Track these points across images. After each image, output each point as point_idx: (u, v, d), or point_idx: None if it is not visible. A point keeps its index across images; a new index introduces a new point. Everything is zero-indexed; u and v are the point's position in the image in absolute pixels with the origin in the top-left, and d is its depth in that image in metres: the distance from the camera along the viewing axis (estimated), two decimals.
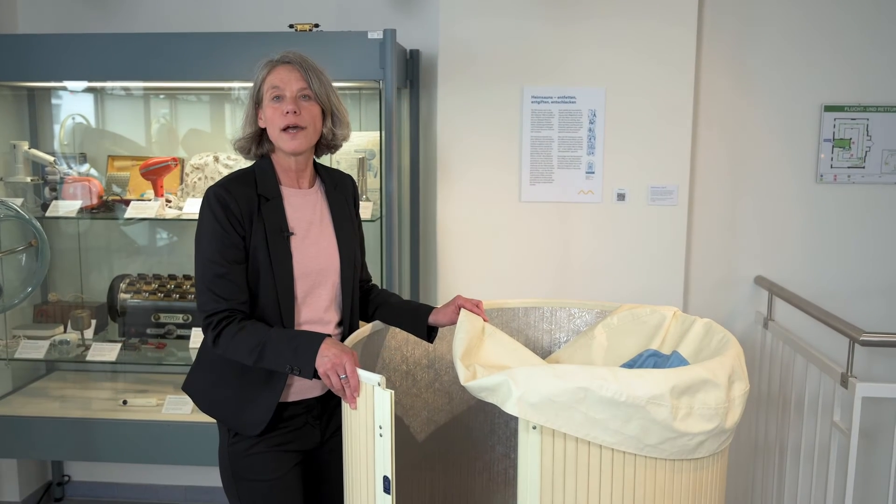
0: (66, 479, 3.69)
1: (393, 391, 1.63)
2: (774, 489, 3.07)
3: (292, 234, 1.90)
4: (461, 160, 3.13)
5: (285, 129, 1.84)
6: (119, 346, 3.04)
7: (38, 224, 2.55)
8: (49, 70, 2.85)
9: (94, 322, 3.18)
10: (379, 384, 1.64)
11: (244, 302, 1.84)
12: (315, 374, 1.73)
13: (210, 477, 3.62)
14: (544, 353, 2.38)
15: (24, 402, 3.15)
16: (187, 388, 2.00)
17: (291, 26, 2.76)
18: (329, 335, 1.79)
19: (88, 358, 3.00)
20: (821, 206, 3.25)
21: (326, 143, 1.96)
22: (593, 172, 3.11)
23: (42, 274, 2.59)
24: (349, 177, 2.11)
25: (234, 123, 3.37)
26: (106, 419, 2.98)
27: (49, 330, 3.18)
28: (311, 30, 2.74)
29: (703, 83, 3.19)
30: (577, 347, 2.24)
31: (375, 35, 2.63)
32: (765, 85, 3.20)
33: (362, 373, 1.68)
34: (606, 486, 1.66)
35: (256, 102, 1.89)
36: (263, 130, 1.90)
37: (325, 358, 1.71)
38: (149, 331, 3.17)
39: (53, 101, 3.38)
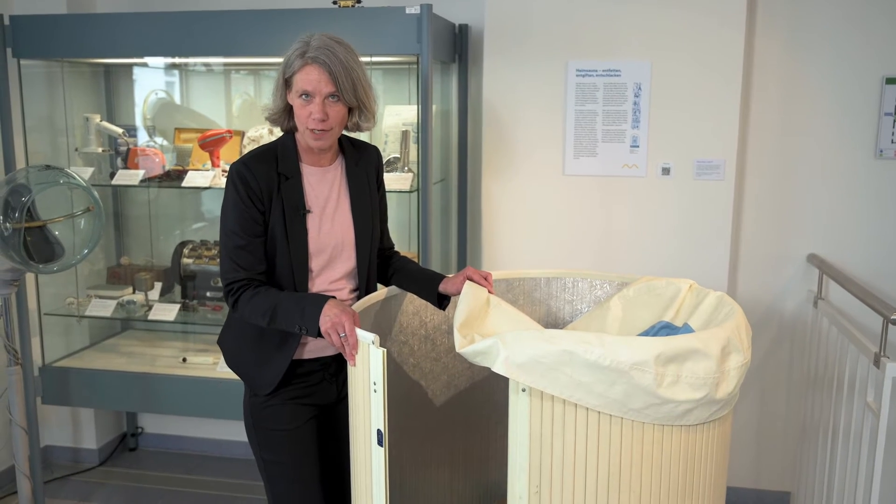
0: (140, 430, 3.97)
1: (385, 350, 1.71)
2: (819, 470, 3.02)
3: (309, 211, 2.00)
4: (506, 133, 3.17)
5: (311, 129, 1.91)
6: (178, 306, 3.24)
7: (94, 192, 2.77)
8: (125, 47, 3.04)
9: (158, 284, 3.40)
10: (373, 343, 1.73)
11: (262, 272, 1.97)
12: (319, 333, 1.83)
13: None
14: (565, 323, 2.42)
15: (96, 357, 3.41)
16: (220, 343, 2.16)
17: (335, 2, 2.86)
18: (333, 297, 1.89)
19: (150, 317, 3.22)
20: (880, 183, 3.13)
21: (350, 129, 2.02)
22: (638, 146, 3.09)
23: (98, 236, 2.80)
24: (375, 148, 2.18)
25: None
26: (168, 374, 3.20)
27: (119, 290, 3.42)
28: (353, 6, 2.83)
29: (755, 55, 3.12)
30: (592, 318, 2.27)
31: (413, 10, 2.69)
32: (821, 56, 3.10)
33: (359, 332, 1.78)
34: (593, 448, 1.70)
35: (286, 81, 1.94)
36: (292, 106, 1.97)
37: (327, 317, 1.81)
38: (208, 294, 3.36)
39: (135, 76, 3.60)
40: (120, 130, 3.33)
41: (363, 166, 2.12)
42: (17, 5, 3.40)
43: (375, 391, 1.75)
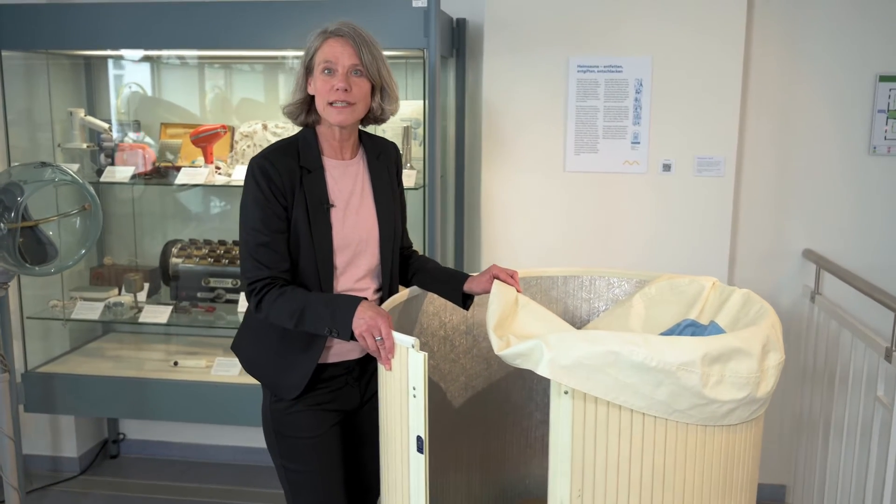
0: (122, 436, 3.85)
1: (426, 353, 1.66)
2: (818, 463, 3.05)
3: (333, 206, 1.93)
4: (506, 129, 3.13)
5: (332, 103, 1.87)
6: (170, 308, 3.14)
7: (91, 189, 2.65)
8: (104, 39, 2.94)
9: (146, 285, 3.29)
10: (413, 346, 1.68)
11: (286, 270, 1.89)
12: (352, 336, 1.77)
13: (257, 438, 3.73)
14: (582, 321, 2.39)
15: (80, 362, 3.28)
16: (235, 349, 2.08)
17: None
18: (365, 298, 1.83)
19: (141, 320, 3.11)
20: (873, 179, 3.18)
21: (374, 117, 1.97)
22: (639, 143, 3.08)
23: (95, 237, 2.69)
24: (393, 144, 2.13)
25: (288, 92, 3.42)
26: (158, 379, 3.10)
27: (104, 292, 3.30)
28: None
29: (753, 52, 3.13)
30: (614, 317, 2.24)
31: (420, 3, 2.64)
32: (817, 54, 3.12)
33: (397, 335, 1.72)
34: (637, 450, 1.67)
35: (307, 70, 1.91)
36: (312, 98, 1.93)
37: (362, 320, 1.75)
38: (199, 294, 3.26)
39: (111, 70, 3.47)
40: (106, 126, 3.21)
41: (383, 161, 2.07)
42: None
43: (415, 396, 1.70)
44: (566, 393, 1.64)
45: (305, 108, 1.96)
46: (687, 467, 1.71)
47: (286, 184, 1.87)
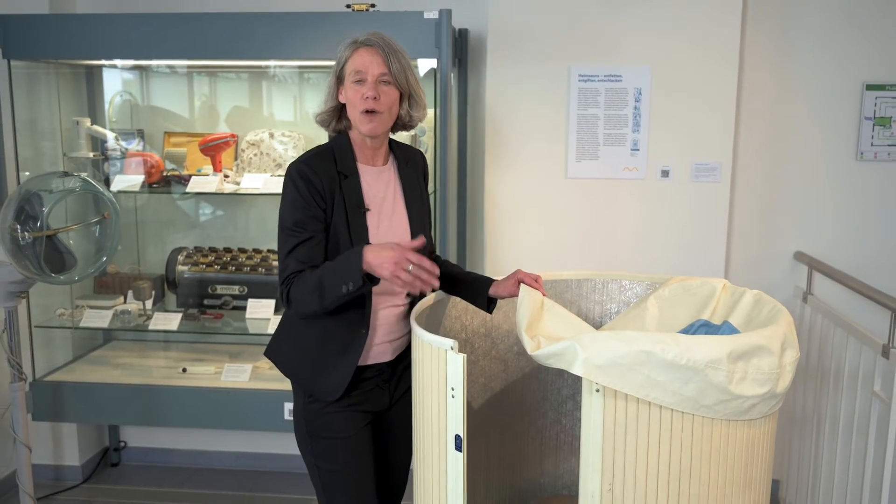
0: (123, 444, 3.85)
1: (465, 355, 1.73)
2: (812, 458, 3.16)
3: (368, 209, 2.00)
4: (509, 137, 3.22)
5: (364, 112, 1.93)
6: (180, 315, 3.17)
7: (112, 198, 2.68)
8: (105, 49, 2.97)
9: (153, 293, 3.31)
10: (452, 348, 1.74)
11: (318, 266, 1.93)
12: (372, 280, 1.80)
13: (258, 443, 3.76)
14: (596, 323, 2.48)
15: (87, 370, 3.30)
16: (270, 354, 2.12)
17: (348, 6, 2.84)
18: (367, 244, 1.88)
19: (150, 327, 3.14)
20: (861, 183, 3.31)
21: (402, 124, 2.04)
22: (638, 150, 3.18)
23: (114, 245, 2.72)
24: (420, 153, 2.20)
25: (270, 101, 3.47)
26: (167, 385, 3.12)
27: (110, 300, 3.32)
28: (367, 10, 2.82)
29: (747, 63, 3.25)
30: (629, 318, 2.32)
31: (431, 15, 2.71)
32: (807, 65, 3.25)
33: (437, 338, 1.78)
34: (665, 445, 1.75)
35: (338, 79, 1.98)
36: (343, 106, 1.99)
37: (383, 262, 1.76)
38: (205, 301, 3.29)
39: (113, 79, 3.49)
40: (112, 134, 3.22)
41: (412, 168, 2.13)
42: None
43: (454, 397, 1.76)
44: (597, 391, 1.72)
45: (336, 116, 2.03)
46: (712, 460, 1.79)
47: (325, 188, 1.93)
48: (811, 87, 3.27)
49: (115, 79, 3.50)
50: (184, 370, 3.22)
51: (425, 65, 2.95)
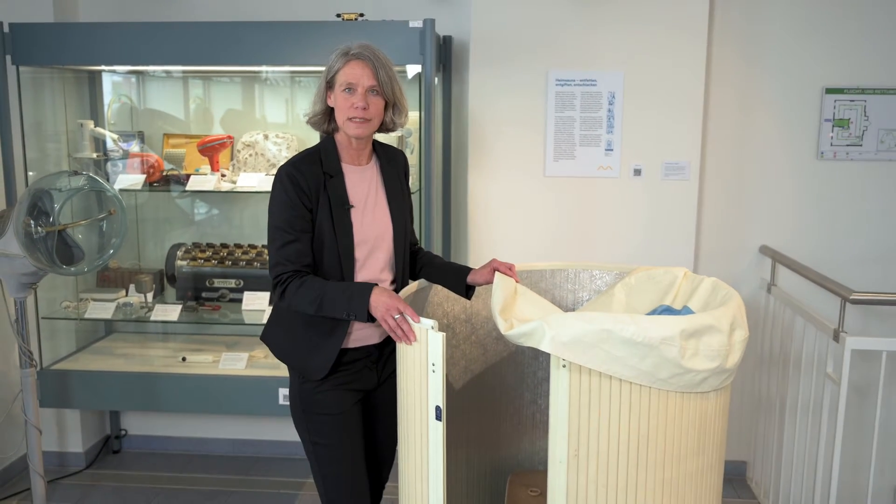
0: (124, 432, 4.02)
1: (444, 334, 1.92)
2: (774, 440, 3.37)
3: (352, 206, 2.19)
4: (491, 138, 3.41)
5: (351, 118, 2.12)
6: (179, 307, 3.35)
7: (119, 195, 2.87)
8: (105, 55, 3.15)
9: (154, 286, 3.49)
10: (432, 328, 1.94)
11: (308, 264, 2.14)
12: (369, 318, 2.03)
13: (254, 430, 3.94)
14: (568, 310, 2.67)
15: (91, 360, 3.47)
16: (264, 339, 2.31)
17: (339, 15, 3.03)
18: (377, 284, 2.09)
19: (152, 319, 3.32)
20: (821, 181, 3.52)
21: (386, 128, 2.24)
22: (612, 150, 3.38)
23: (121, 240, 2.90)
24: (401, 153, 2.39)
25: (263, 103, 3.67)
26: (168, 373, 3.30)
27: (112, 293, 3.50)
28: (356, 19, 3.01)
29: (714, 68, 3.45)
30: (598, 304, 2.52)
31: (416, 24, 2.90)
32: (771, 70, 3.46)
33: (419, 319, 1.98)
34: (626, 414, 1.94)
35: (328, 85, 2.17)
36: (331, 109, 2.18)
37: (380, 304, 2.01)
38: (203, 294, 3.48)
39: (105, 83, 3.67)
40: (115, 136, 3.40)
41: (394, 166, 2.33)
42: (4, 13, 3.43)
43: (434, 371, 1.96)
44: (564, 366, 1.91)
45: (327, 118, 2.22)
46: (668, 429, 1.98)
47: (312, 188, 2.12)
48: (774, 91, 3.48)
49: (116, 83, 3.67)
50: (183, 359, 3.40)
51: (411, 70, 3.15)
